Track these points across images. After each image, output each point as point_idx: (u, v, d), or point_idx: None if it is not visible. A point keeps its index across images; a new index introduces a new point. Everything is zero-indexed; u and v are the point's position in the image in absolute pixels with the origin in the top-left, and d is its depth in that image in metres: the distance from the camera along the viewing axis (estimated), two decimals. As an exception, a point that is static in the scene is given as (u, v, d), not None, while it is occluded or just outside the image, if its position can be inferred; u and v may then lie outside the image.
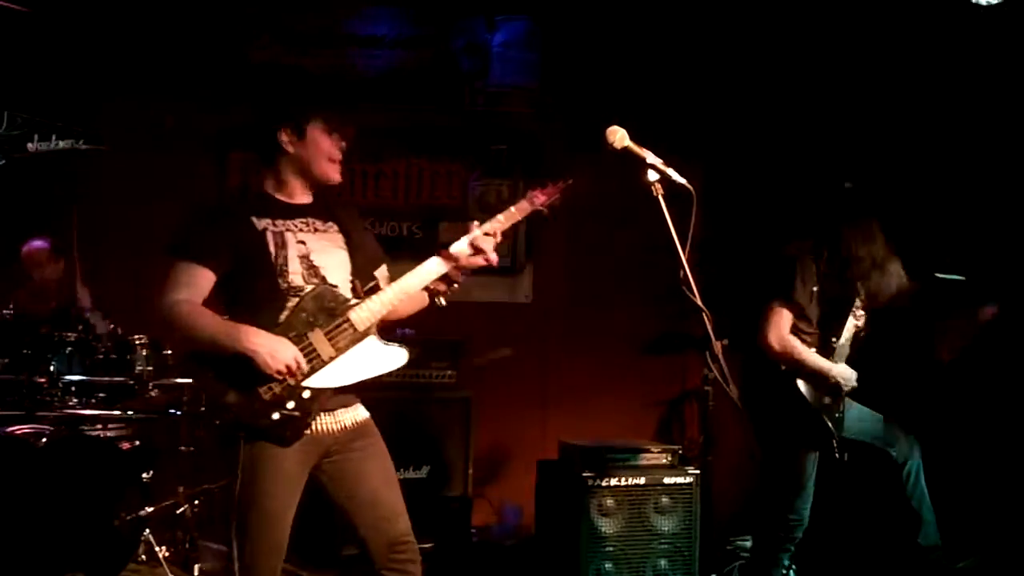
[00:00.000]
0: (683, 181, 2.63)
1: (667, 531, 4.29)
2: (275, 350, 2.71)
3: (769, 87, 5.89)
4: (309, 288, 2.84)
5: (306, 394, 2.78)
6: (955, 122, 4.90)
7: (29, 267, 5.28)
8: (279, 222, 2.89)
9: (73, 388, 4.50)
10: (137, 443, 4.59)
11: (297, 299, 2.82)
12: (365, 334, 2.86)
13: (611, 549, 4.20)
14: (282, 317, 2.80)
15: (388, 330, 3.02)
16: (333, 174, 2.95)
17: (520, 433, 5.77)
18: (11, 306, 4.54)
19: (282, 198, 2.95)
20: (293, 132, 2.90)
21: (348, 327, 2.83)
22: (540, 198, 3.11)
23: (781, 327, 3.83)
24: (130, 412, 4.65)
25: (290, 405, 2.75)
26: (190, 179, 6.09)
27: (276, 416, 2.74)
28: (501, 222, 3.02)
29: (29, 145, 1.57)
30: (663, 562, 4.27)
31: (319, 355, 2.80)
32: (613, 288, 6.09)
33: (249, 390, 2.72)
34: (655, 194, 2.62)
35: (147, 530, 4.41)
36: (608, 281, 6.10)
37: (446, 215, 6.50)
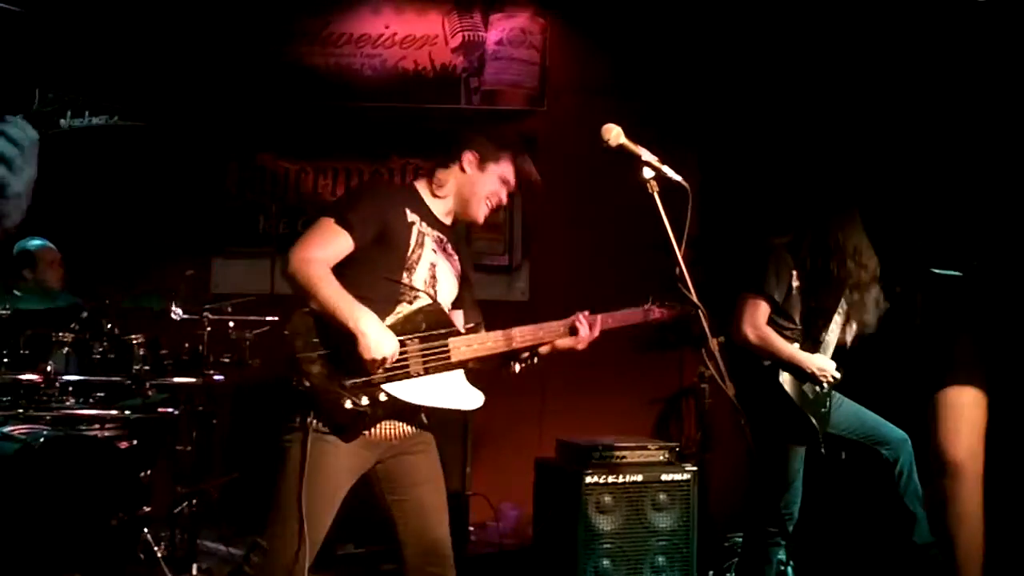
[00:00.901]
0: (678, 178, 2.63)
1: (665, 528, 4.30)
2: (382, 341, 2.70)
3: (765, 82, 5.90)
4: (425, 297, 2.88)
5: (382, 397, 2.77)
6: (951, 114, 4.90)
7: (40, 268, 5.23)
8: (425, 225, 2.96)
9: (70, 388, 4.48)
10: (134, 443, 4.58)
11: (411, 307, 2.84)
12: (456, 366, 2.92)
13: (609, 546, 4.21)
14: (393, 315, 2.82)
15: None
16: (481, 216, 3.05)
17: (517, 431, 5.77)
18: (7, 306, 4.52)
19: (433, 208, 3.03)
20: (479, 160, 3.02)
21: (445, 353, 2.87)
22: (655, 314, 3.32)
23: (756, 318, 3.84)
24: (127, 412, 4.64)
25: (364, 401, 2.74)
26: (184, 181, 6.13)
27: (349, 405, 2.72)
28: (609, 324, 3.26)
29: (62, 121, 1.54)
30: (661, 559, 4.28)
31: (408, 367, 2.81)
32: (609, 285, 6.06)
33: (336, 370, 2.72)
34: (650, 191, 2.62)
35: (145, 530, 4.40)
36: (604, 278, 6.09)
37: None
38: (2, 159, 1.55)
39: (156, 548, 4.44)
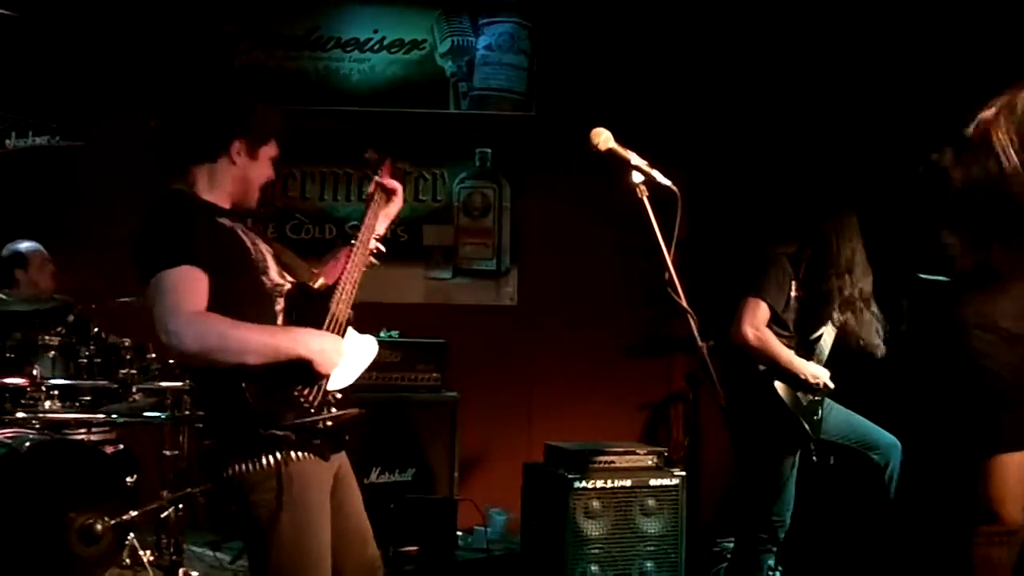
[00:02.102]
0: (668, 183, 2.63)
1: (653, 533, 4.30)
2: (337, 348, 2.54)
3: (756, 86, 5.92)
4: (287, 286, 2.68)
5: (339, 395, 2.60)
6: (937, 122, 4.91)
7: (30, 270, 5.16)
8: (234, 223, 2.69)
9: (57, 391, 4.46)
10: (121, 447, 4.57)
11: (282, 300, 2.65)
12: (348, 325, 2.71)
13: (597, 551, 4.20)
14: (279, 321, 2.61)
15: (372, 332, 2.96)
16: (256, 203, 2.80)
17: (506, 435, 5.78)
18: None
19: (215, 201, 2.71)
20: (248, 147, 2.72)
21: (335, 321, 2.66)
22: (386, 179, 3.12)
23: (756, 319, 3.81)
24: (114, 416, 4.62)
25: (334, 410, 2.56)
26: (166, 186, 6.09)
27: (330, 423, 2.54)
28: (388, 165, 3.13)
29: (7, 142, 1.57)
30: (649, 564, 4.29)
31: None
32: (598, 290, 6.10)
33: (299, 400, 2.50)
34: (640, 196, 2.61)
35: (131, 534, 4.37)
36: (593, 283, 6.12)
37: (431, 218, 6.51)
38: None
39: (143, 553, 4.41)
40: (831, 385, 3.92)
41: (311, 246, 6.25)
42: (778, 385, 3.82)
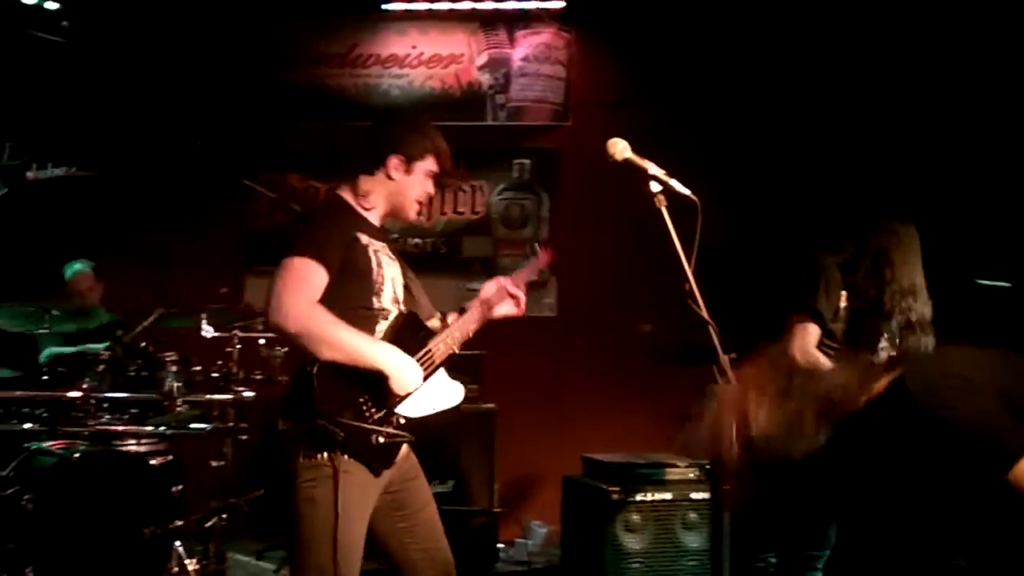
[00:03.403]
0: (687, 192, 2.62)
1: (695, 547, 4.27)
2: (413, 373, 2.70)
3: (794, 92, 5.89)
4: (396, 312, 2.84)
5: (402, 420, 2.75)
6: (987, 121, 4.83)
7: (73, 289, 5.34)
8: (374, 241, 2.87)
9: (105, 404, 4.55)
10: (168, 458, 4.64)
11: (387, 322, 2.80)
12: (439, 366, 2.88)
13: (637, 565, 4.19)
14: (377, 339, 2.76)
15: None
16: (413, 215, 2.99)
17: (545, 447, 5.77)
18: (46, 326, 4.60)
19: (368, 217, 2.93)
20: (404, 162, 2.90)
21: (430, 357, 2.84)
22: (544, 257, 3.34)
23: (806, 341, 3.69)
24: (160, 428, 4.70)
25: (392, 430, 2.71)
26: (217, 202, 6.21)
27: (382, 440, 2.69)
28: (521, 279, 3.19)
29: (28, 174, 1.67)
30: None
31: None
32: (637, 300, 6.09)
33: (362, 408, 2.67)
34: (658, 206, 2.62)
35: (177, 543, 4.44)
36: (632, 293, 6.10)
37: (470, 230, 6.55)
38: None
39: (188, 561, 4.48)
40: None
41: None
42: None
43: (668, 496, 4.26)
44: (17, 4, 5.61)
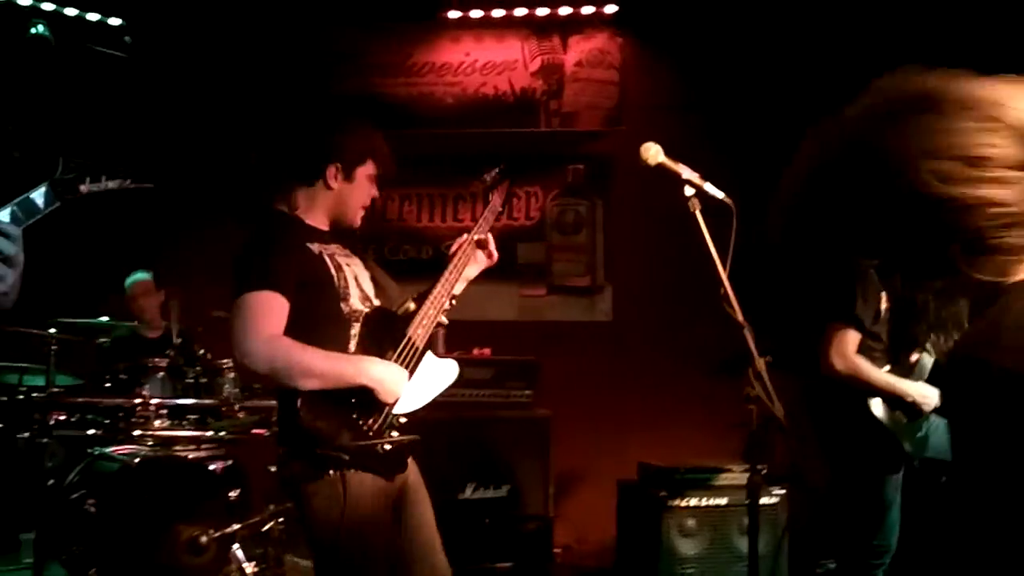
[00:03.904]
0: (721, 195, 2.61)
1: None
2: (397, 378, 2.65)
3: (845, 96, 5.80)
4: (366, 311, 2.77)
5: (402, 420, 2.72)
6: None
7: (133, 298, 5.47)
8: (326, 246, 2.80)
9: (165, 411, 4.65)
10: (226, 463, 4.72)
11: (360, 324, 2.74)
12: (425, 351, 2.81)
13: (693, 571, 4.16)
14: (352, 345, 2.71)
15: (464, 351, 3.03)
16: (358, 221, 2.91)
17: (600, 453, 5.74)
18: (108, 336, 4.72)
19: (314, 224, 2.86)
20: (343, 171, 2.83)
21: (411, 346, 2.76)
22: (497, 198, 3.20)
23: (845, 348, 3.62)
24: (221, 433, 4.78)
25: (395, 435, 2.69)
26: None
27: (388, 447, 2.66)
28: (484, 227, 3.09)
29: (81, 187, 1.71)
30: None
31: None
32: (693, 305, 6.03)
33: (359, 425, 2.62)
34: (692, 210, 2.60)
35: (236, 546, 4.51)
36: (688, 298, 6.04)
37: (524, 236, 6.56)
38: (8, 262, 1.74)
39: (246, 564, 4.54)
40: (938, 403, 3.75)
41: (409, 267, 6.37)
42: (874, 403, 3.68)
43: (723, 501, 4.22)
44: (81, 20, 5.77)
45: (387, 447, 2.66)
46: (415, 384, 2.76)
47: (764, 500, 4.21)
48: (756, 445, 2.81)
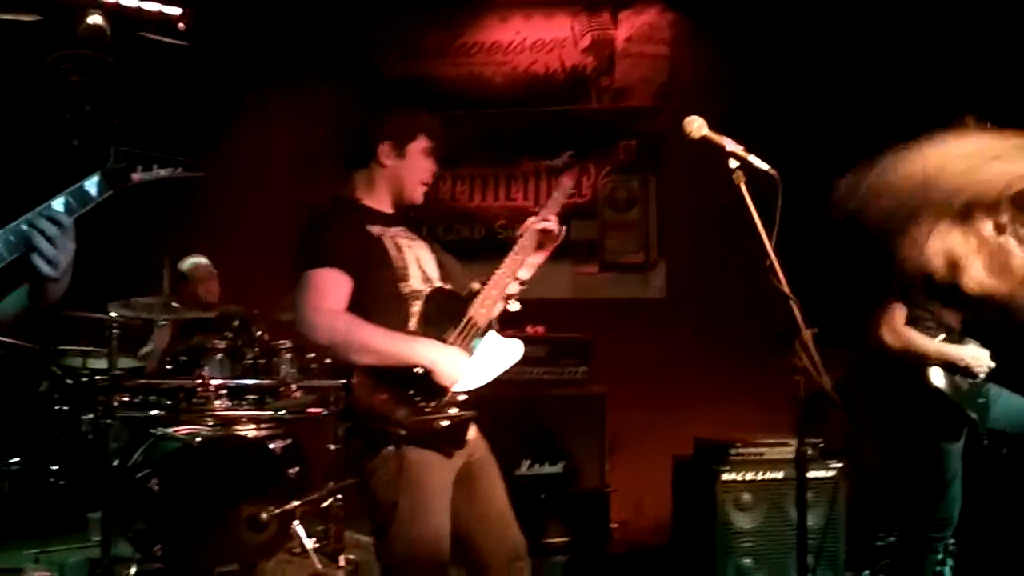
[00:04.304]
0: (766, 167, 2.58)
1: (810, 526, 4.16)
2: (454, 360, 2.69)
3: (895, 74, 5.70)
4: (427, 291, 2.82)
5: (462, 398, 2.75)
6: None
7: (191, 281, 5.54)
8: (387, 228, 2.88)
9: (225, 391, 4.73)
10: (286, 442, 4.80)
11: (420, 303, 2.79)
12: (487, 330, 2.86)
13: (749, 544, 4.13)
14: (412, 323, 2.77)
15: (518, 330, 3.03)
16: (419, 197, 2.96)
17: (655, 429, 5.72)
18: (168, 318, 4.81)
19: (376, 207, 2.93)
20: (394, 148, 2.90)
21: (473, 325, 2.81)
22: (568, 181, 3.26)
23: (894, 321, 3.60)
24: (280, 412, 4.86)
25: (453, 411, 2.72)
26: (325, 194, 6.35)
27: (445, 423, 2.70)
28: (553, 208, 3.13)
29: (133, 176, 1.77)
30: (807, 558, 4.17)
31: None
32: (747, 280, 5.97)
33: (416, 401, 2.67)
34: (736, 182, 2.58)
35: (295, 523, 4.60)
36: (741, 274, 5.99)
37: (576, 214, 6.54)
38: (57, 245, 1.77)
39: (307, 540, 4.63)
40: (992, 364, 3.69)
41: (461, 247, 6.38)
42: (932, 371, 3.61)
43: (779, 475, 4.18)
44: (138, 9, 5.87)
45: (444, 423, 2.70)
46: (476, 363, 2.80)
47: (819, 473, 4.17)
48: (806, 418, 2.76)
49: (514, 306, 2.96)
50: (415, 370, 2.66)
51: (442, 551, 2.72)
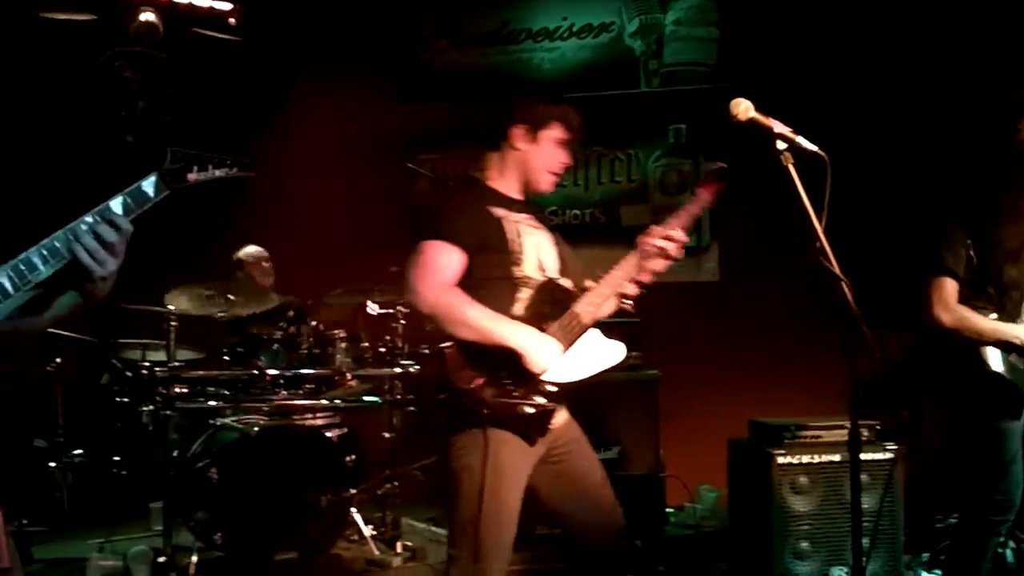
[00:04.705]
0: (814, 148, 2.54)
1: (866, 509, 4.10)
2: (546, 350, 2.72)
3: (943, 55, 5.58)
4: (539, 280, 2.87)
5: (551, 388, 2.78)
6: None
7: (248, 272, 5.61)
8: (510, 214, 2.92)
9: (281, 380, 4.80)
10: (343, 430, 4.85)
11: (529, 290, 2.84)
12: (589, 327, 2.89)
13: (807, 527, 4.08)
14: (516, 308, 2.81)
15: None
16: (546, 185, 2.99)
17: (710, 412, 5.68)
18: (225, 310, 4.88)
19: (504, 191, 2.98)
20: (528, 132, 2.93)
21: (576, 320, 2.84)
22: (705, 193, 3.11)
23: (946, 299, 3.53)
24: (336, 401, 4.92)
25: (540, 400, 2.75)
26: (373, 184, 6.41)
27: (530, 410, 2.73)
28: (679, 223, 3.06)
29: (189, 176, 1.80)
30: (864, 541, 4.12)
31: None
32: (801, 263, 5.90)
33: (505, 383, 2.71)
34: (784, 164, 2.54)
35: (353, 510, 4.65)
36: (793, 256, 5.92)
37: (627, 198, 6.52)
38: (113, 249, 1.79)
39: (364, 527, 4.69)
40: None
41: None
42: (988, 351, 3.52)
43: (836, 457, 4.11)
44: (191, 6, 5.95)
45: (529, 410, 2.73)
46: (573, 357, 2.83)
47: (875, 456, 4.10)
48: (861, 399, 2.73)
49: (627, 306, 3.01)
50: (510, 351, 2.69)
51: (508, 532, 2.77)
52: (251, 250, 5.62)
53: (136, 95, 5.58)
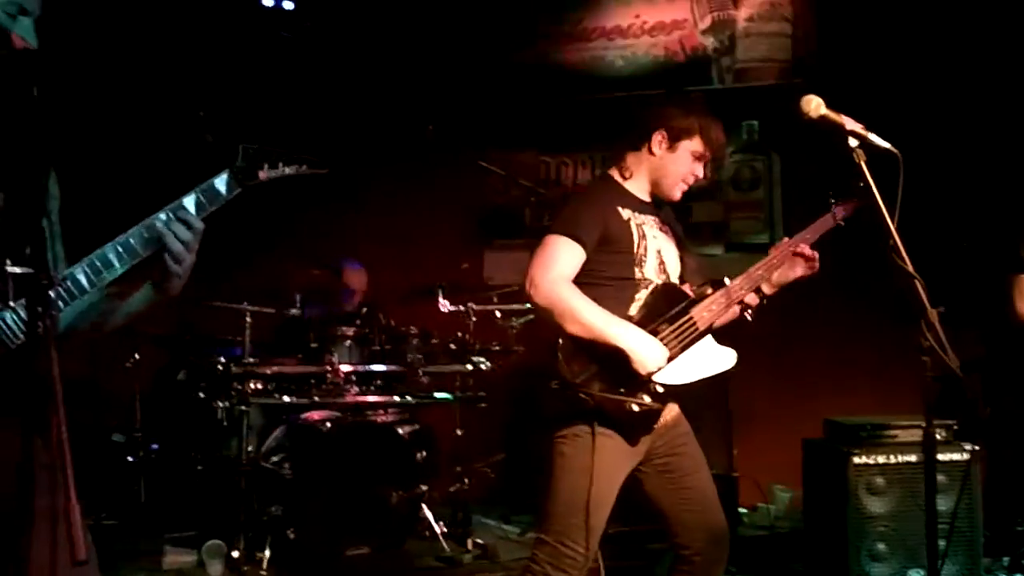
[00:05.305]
0: (887, 145, 2.50)
1: (944, 510, 4.01)
2: (653, 352, 2.74)
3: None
4: (658, 282, 2.89)
5: (659, 389, 2.80)
6: None
7: (348, 285, 5.56)
8: (637, 215, 2.94)
9: (353, 377, 4.86)
10: (415, 427, 4.90)
11: (647, 292, 2.86)
12: (705, 333, 2.91)
13: (883, 529, 4.00)
14: (633, 308, 2.84)
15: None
16: (676, 194, 3.00)
17: (784, 412, 5.61)
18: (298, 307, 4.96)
19: (634, 191, 3.00)
20: (667, 139, 2.94)
21: (692, 325, 2.87)
22: (841, 212, 3.15)
23: None
24: (408, 398, 4.96)
25: (647, 399, 2.77)
26: (454, 182, 6.45)
27: (636, 408, 2.75)
28: (808, 238, 3.12)
29: (260, 173, 1.81)
30: (941, 543, 4.03)
31: (669, 352, 2.82)
32: (879, 259, 5.79)
33: (611, 380, 2.74)
34: (857, 161, 2.50)
35: (424, 506, 4.69)
36: (866, 253, 5.81)
37: (699, 195, 6.45)
38: (188, 247, 1.82)
39: (435, 524, 4.72)
40: None
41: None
42: None
43: (912, 458, 4.02)
44: (257, 6, 6.06)
45: (635, 408, 2.75)
46: (685, 361, 2.87)
47: (952, 456, 4.00)
48: (937, 399, 2.68)
49: (747, 316, 3.06)
50: (618, 349, 2.71)
51: (599, 524, 2.79)
52: (351, 264, 5.65)
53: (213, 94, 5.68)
